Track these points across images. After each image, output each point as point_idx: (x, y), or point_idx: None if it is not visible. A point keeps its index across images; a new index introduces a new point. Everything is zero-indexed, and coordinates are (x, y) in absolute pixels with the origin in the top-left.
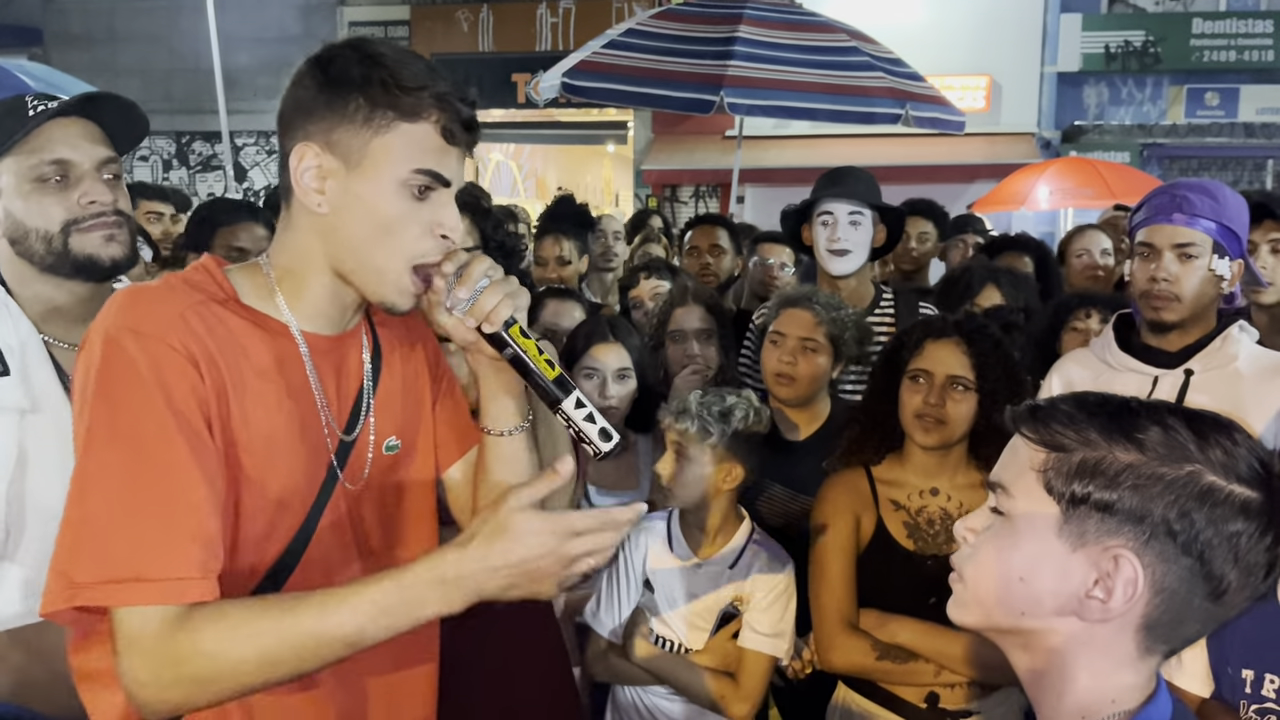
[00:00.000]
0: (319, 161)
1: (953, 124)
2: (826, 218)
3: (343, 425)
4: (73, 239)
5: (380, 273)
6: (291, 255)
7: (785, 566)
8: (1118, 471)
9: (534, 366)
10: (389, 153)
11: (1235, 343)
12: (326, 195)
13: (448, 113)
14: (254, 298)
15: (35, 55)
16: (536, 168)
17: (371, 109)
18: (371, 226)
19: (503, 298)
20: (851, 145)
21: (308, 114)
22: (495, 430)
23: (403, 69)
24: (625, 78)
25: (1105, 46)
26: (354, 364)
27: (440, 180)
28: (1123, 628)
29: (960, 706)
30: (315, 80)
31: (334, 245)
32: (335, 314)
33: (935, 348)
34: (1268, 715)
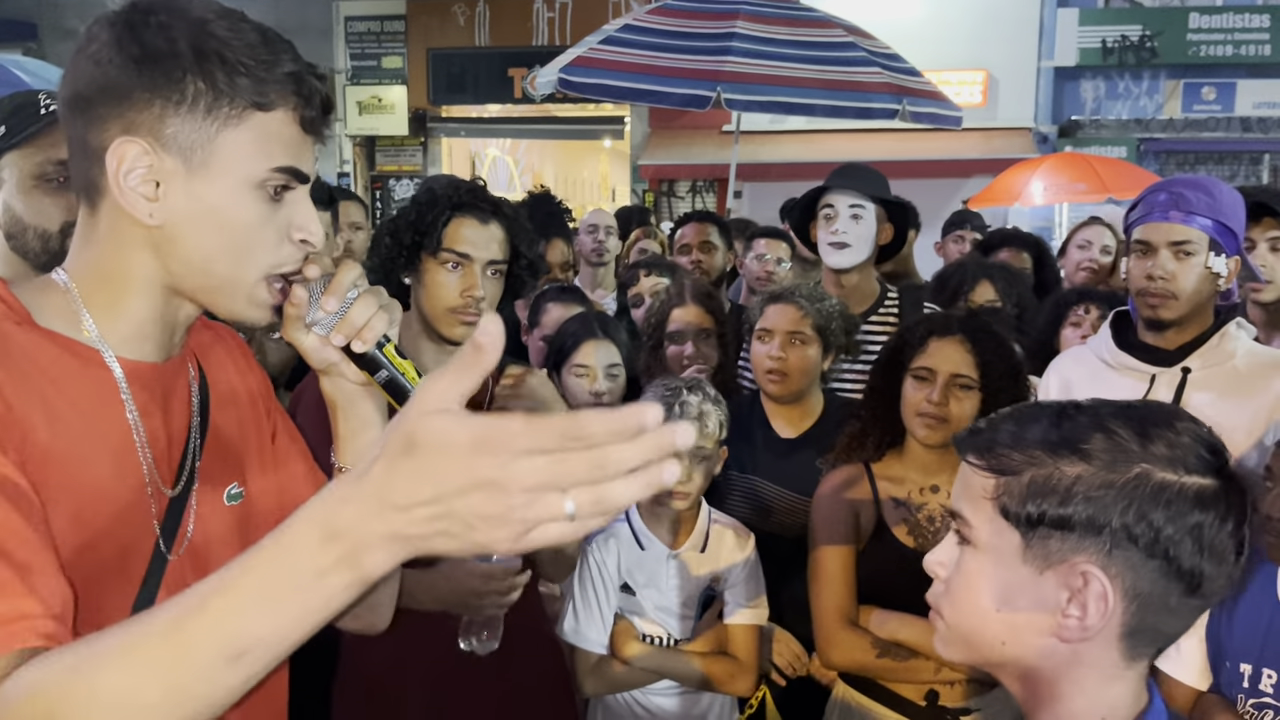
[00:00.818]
0: (149, 161)
1: (950, 119)
2: (828, 210)
3: (171, 477)
4: (70, 241)
5: (232, 286)
6: (104, 270)
7: (750, 538)
8: (1068, 486)
9: (413, 391)
10: (241, 149)
11: (1233, 340)
12: (160, 203)
13: (304, 96)
14: (51, 320)
15: (30, 50)
16: (533, 163)
17: (214, 95)
18: (221, 237)
19: (376, 310)
20: (848, 140)
21: (122, 98)
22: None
23: (240, 39)
24: (622, 73)
25: (1102, 41)
26: (180, 397)
27: (300, 177)
28: (1105, 641)
29: (960, 704)
30: (125, 53)
31: (171, 260)
32: (160, 337)
33: (939, 346)
34: (1265, 710)
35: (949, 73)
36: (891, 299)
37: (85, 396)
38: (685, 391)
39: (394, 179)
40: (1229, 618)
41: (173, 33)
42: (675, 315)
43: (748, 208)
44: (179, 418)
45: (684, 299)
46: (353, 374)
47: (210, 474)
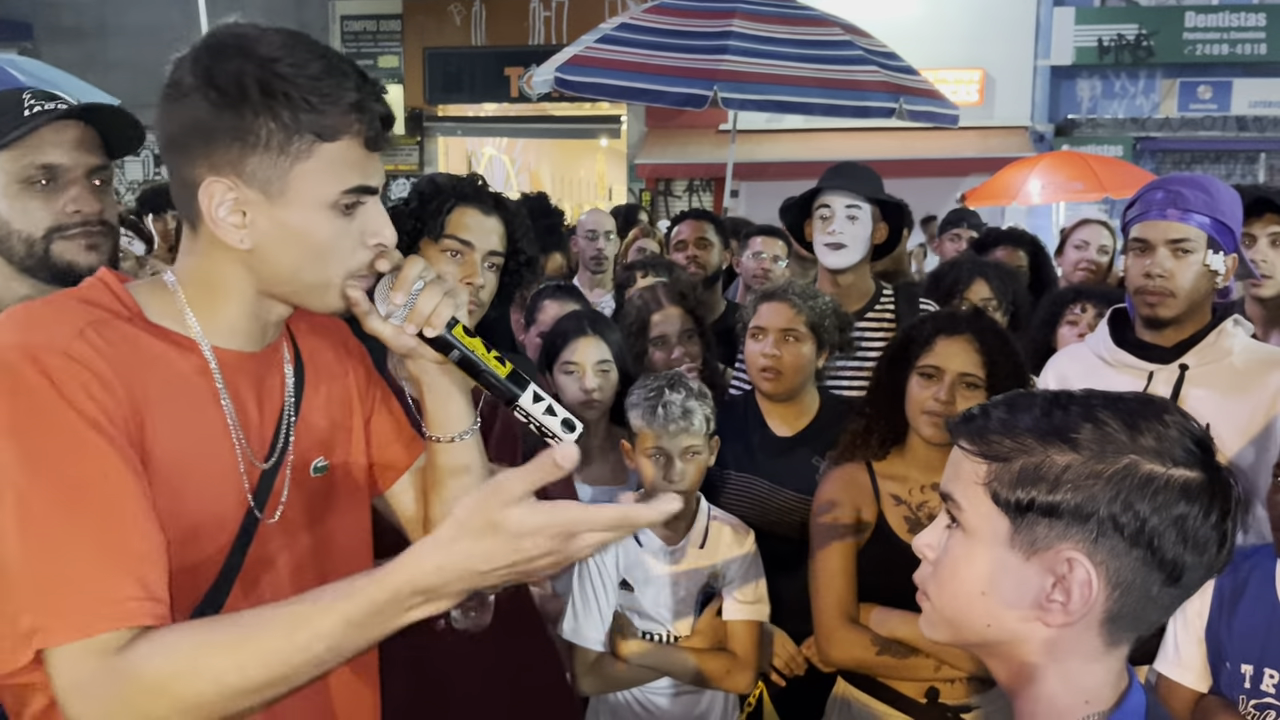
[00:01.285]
0: (235, 195)
1: (946, 118)
2: (824, 210)
3: (264, 452)
4: (55, 245)
5: (321, 289)
6: (205, 279)
7: (749, 534)
8: (1057, 474)
9: (484, 365)
10: (313, 178)
11: (1230, 337)
12: (248, 229)
13: (367, 119)
14: (160, 315)
15: (25, 50)
16: (530, 162)
17: (286, 134)
18: (303, 253)
19: (441, 298)
20: (845, 139)
21: (207, 139)
22: (445, 436)
23: (304, 76)
24: (619, 72)
25: (1098, 40)
26: (275, 381)
27: (368, 192)
28: (1086, 626)
29: (960, 701)
30: (205, 98)
31: (262, 272)
32: (255, 330)
33: (947, 344)
34: (1268, 710)
35: (946, 71)
36: (887, 297)
37: (184, 382)
38: (668, 390)
39: (390, 178)
40: (1229, 618)
41: (244, 77)
42: (655, 321)
43: (744, 207)
44: (273, 399)
45: (661, 302)
46: (431, 355)
47: (300, 449)
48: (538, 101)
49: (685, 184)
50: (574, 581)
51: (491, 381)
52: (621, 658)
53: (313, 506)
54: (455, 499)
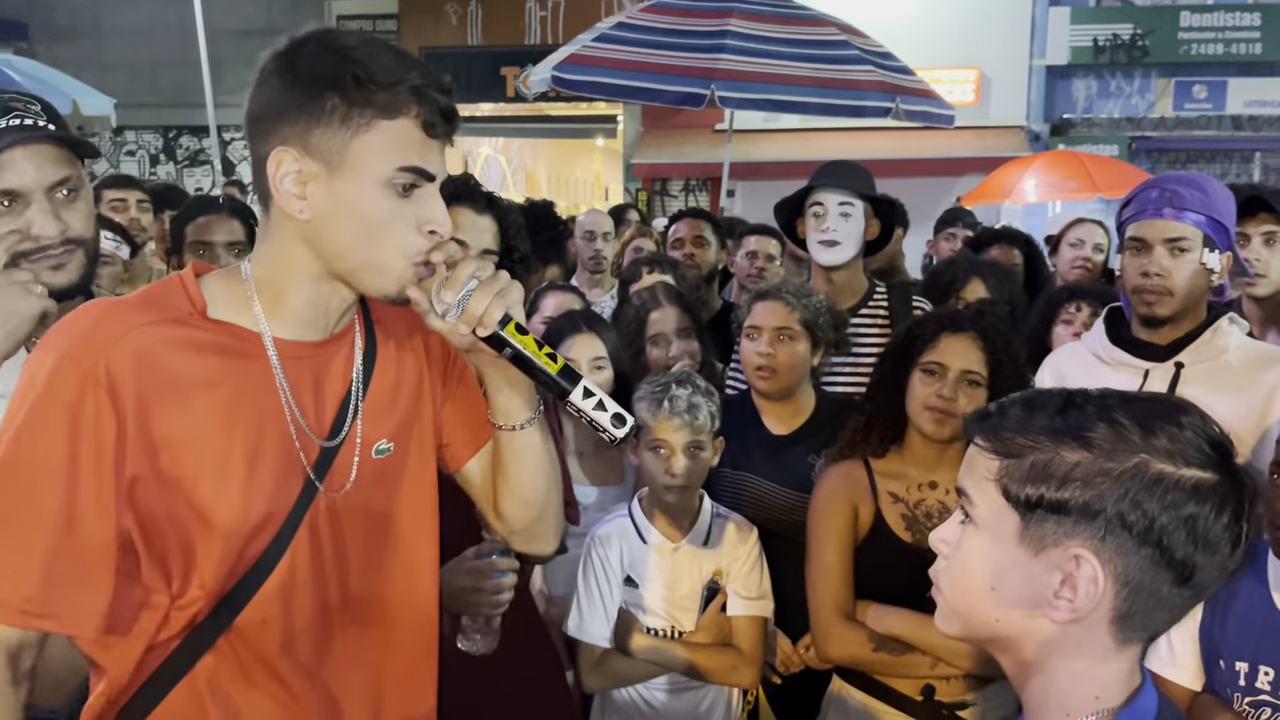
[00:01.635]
0: (298, 166)
1: (942, 118)
2: (817, 208)
3: (324, 432)
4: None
5: (375, 269)
6: (272, 263)
7: (753, 532)
8: (1066, 471)
9: (536, 362)
10: (370, 152)
11: (1225, 335)
12: (309, 200)
13: (427, 105)
14: (227, 308)
15: (21, 50)
16: (526, 162)
17: (348, 108)
18: (358, 228)
19: (493, 298)
20: (841, 139)
21: (280, 115)
22: (506, 425)
23: (375, 62)
24: (615, 71)
25: (1094, 40)
26: (339, 368)
27: (425, 176)
28: (1095, 624)
29: (956, 699)
30: (283, 79)
31: (323, 249)
32: (318, 319)
33: (951, 341)
34: (1263, 707)
35: (942, 71)
36: (880, 294)
37: (238, 372)
38: (674, 386)
39: None
40: (1222, 616)
41: (320, 60)
42: (653, 319)
43: (741, 206)
44: (335, 384)
45: (659, 300)
46: (489, 350)
47: (364, 430)
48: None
49: (682, 184)
50: (579, 579)
51: (544, 378)
52: (626, 654)
53: (374, 485)
54: (519, 484)
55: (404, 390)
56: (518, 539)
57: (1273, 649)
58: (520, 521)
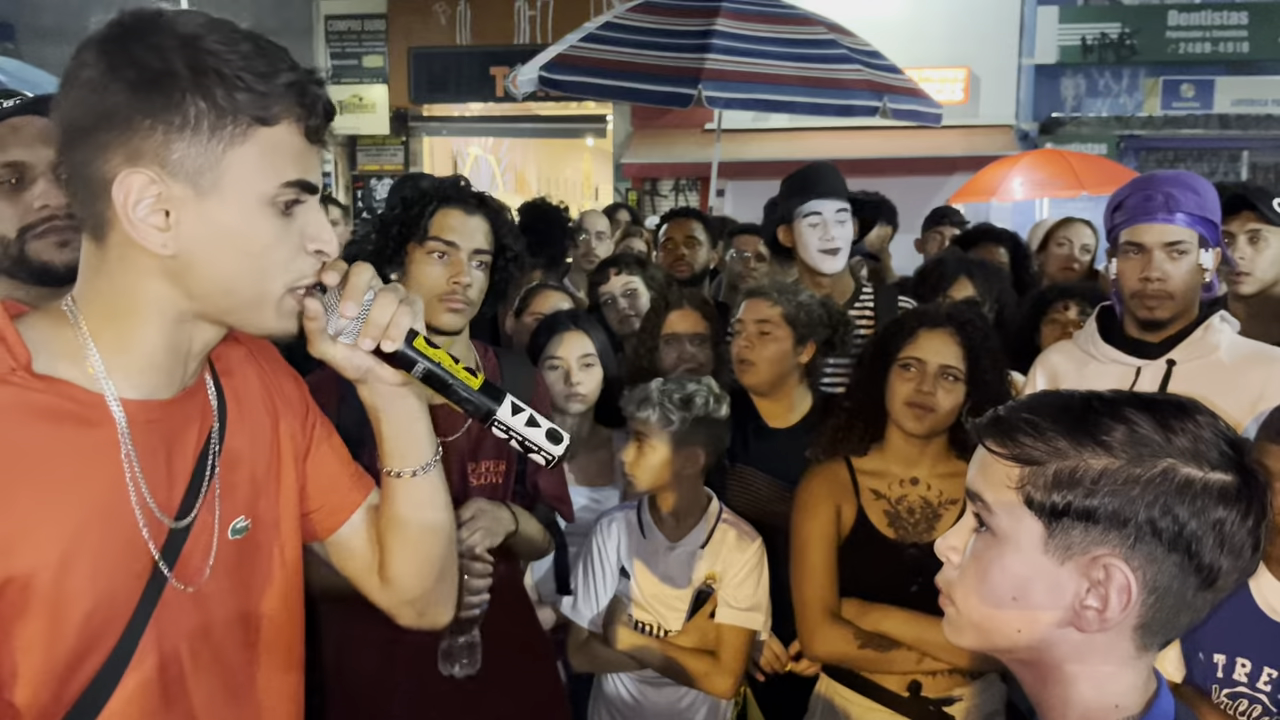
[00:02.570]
0: (157, 190)
1: (930, 116)
2: (815, 218)
3: (174, 512)
4: (29, 245)
5: (257, 304)
6: (113, 304)
7: (754, 541)
8: (1094, 479)
9: (453, 379)
10: (249, 167)
11: (1217, 332)
12: (172, 231)
13: (308, 104)
14: (56, 358)
15: (8, 50)
16: (515, 162)
17: (218, 115)
18: (239, 258)
19: (397, 306)
20: (830, 138)
21: (124, 125)
22: (407, 470)
23: (235, 52)
24: (603, 71)
25: (1082, 38)
26: (193, 430)
27: (309, 189)
28: (1119, 632)
29: (942, 694)
30: (119, 78)
31: (190, 286)
32: (174, 368)
33: (929, 337)
34: (1240, 699)
35: (930, 70)
36: (867, 294)
37: (78, 445)
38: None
39: (375, 178)
40: None
41: (166, 52)
42: (671, 319)
43: (730, 206)
44: (185, 453)
45: (680, 303)
46: (389, 375)
47: (217, 505)
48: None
49: (671, 183)
50: (579, 561)
51: (463, 395)
52: (608, 642)
53: (232, 572)
54: (419, 541)
55: (259, 453)
56: (409, 611)
57: (1250, 642)
58: (419, 587)
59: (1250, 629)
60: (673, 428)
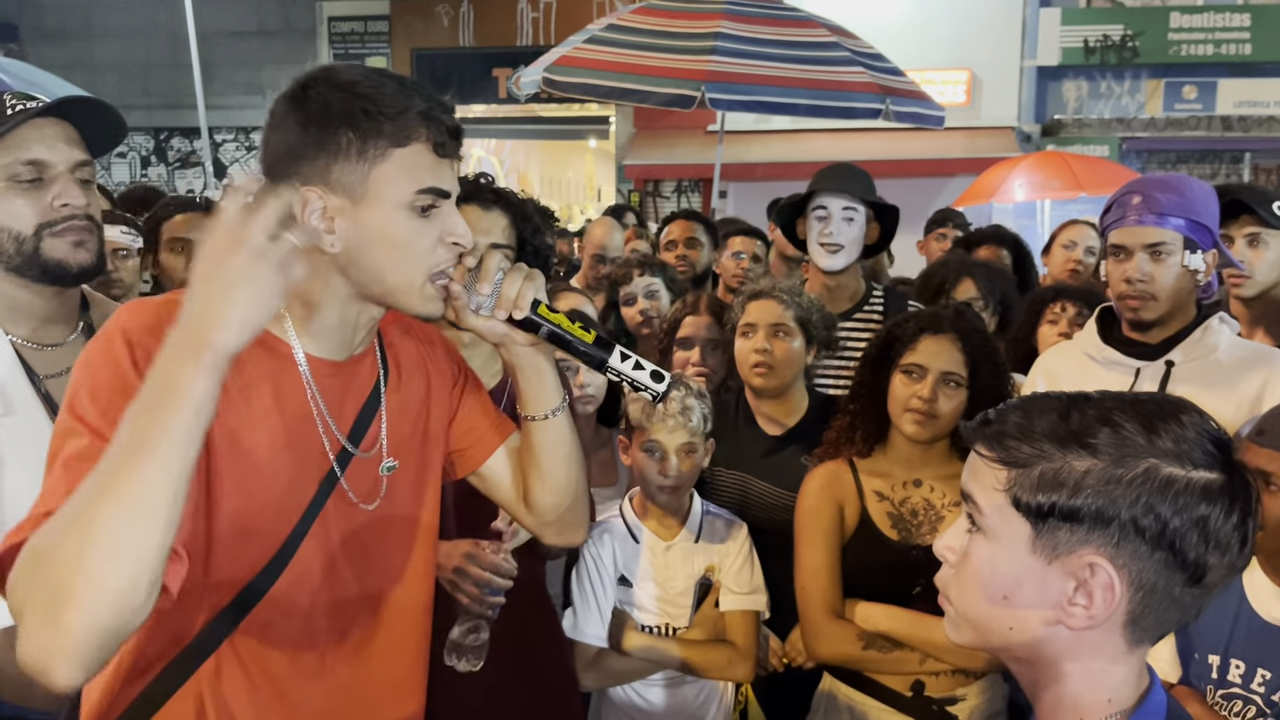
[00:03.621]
0: (323, 203)
1: (932, 119)
2: (821, 212)
3: (345, 440)
4: (45, 242)
5: (405, 289)
6: (302, 290)
7: (742, 527)
8: (1077, 479)
9: (572, 337)
10: (389, 180)
11: (1215, 334)
12: (337, 234)
13: (434, 128)
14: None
15: (11, 51)
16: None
17: (363, 141)
18: (387, 252)
19: (523, 282)
20: (832, 140)
21: (298, 156)
22: (539, 414)
23: (380, 93)
24: (606, 73)
25: (1084, 40)
26: (359, 387)
27: (441, 194)
28: (1109, 628)
29: (945, 694)
30: (296, 120)
31: (355, 276)
32: (346, 337)
33: (930, 343)
34: (1234, 700)
35: (932, 72)
36: (877, 297)
37: (278, 378)
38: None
39: None
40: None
41: (328, 99)
42: (687, 322)
43: (733, 207)
44: (357, 401)
45: (698, 308)
46: (521, 338)
47: (372, 447)
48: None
49: (674, 185)
50: (573, 579)
51: (582, 349)
52: (623, 652)
53: (381, 499)
54: (553, 473)
55: (409, 411)
56: (551, 530)
57: (1244, 643)
58: (555, 511)
59: (1244, 631)
60: (708, 428)
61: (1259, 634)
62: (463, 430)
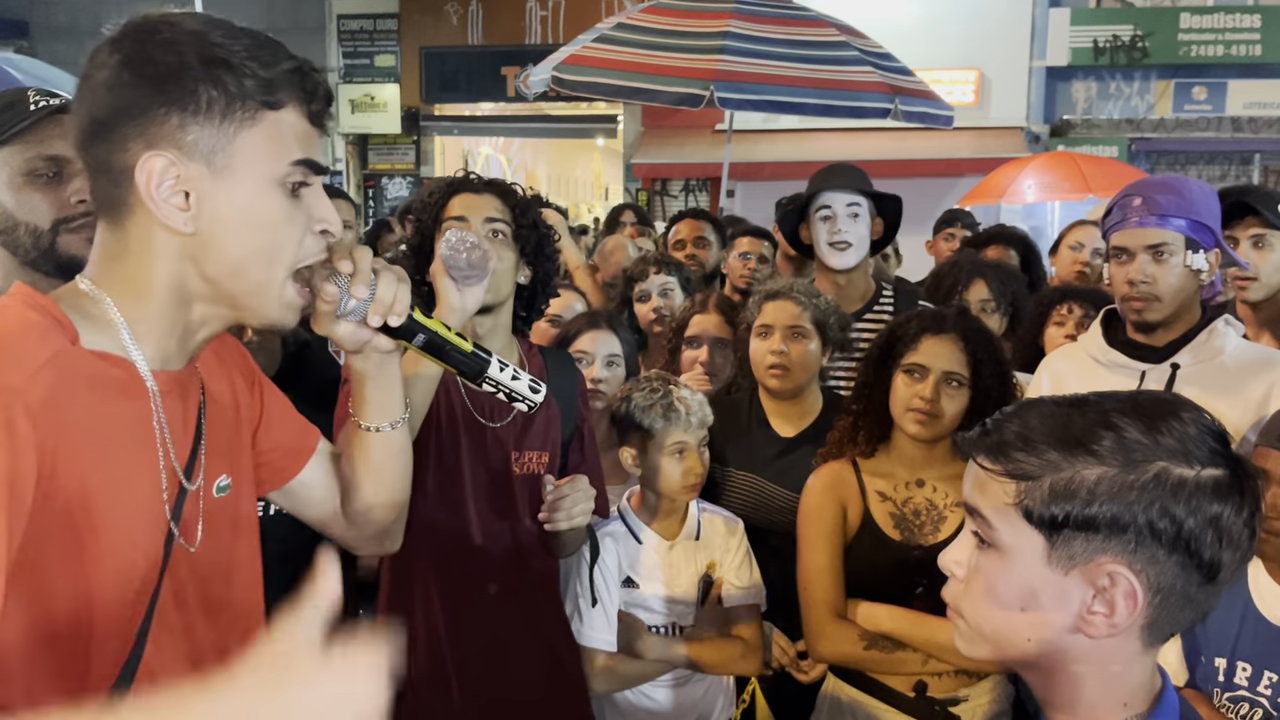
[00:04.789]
0: (177, 172)
1: (941, 119)
2: (825, 211)
3: (183, 473)
4: (61, 238)
5: (264, 289)
6: (138, 284)
7: (737, 523)
8: (1090, 488)
9: (449, 344)
10: (257, 149)
11: (1221, 336)
12: (193, 210)
13: (309, 91)
14: (96, 335)
15: (22, 48)
16: (526, 161)
17: (227, 100)
18: (252, 237)
19: (399, 284)
20: (841, 139)
21: (142, 114)
22: (384, 425)
23: (240, 45)
24: (615, 71)
25: (1094, 41)
26: (193, 400)
27: (317, 169)
28: (1127, 633)
29: (948, 694)
30: (138, 73)
31: (206, 266)
32: (185, 344)
33: (932, 343)
34: (1241, 703)
35: (941, 72)
36: (887, 297)
37: (123, 413)
38: (673, 389)
39: (387, 177)
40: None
41: (179, 47)
42: (696, 320)
43: (740, 206)
44: (190, 417)
45: (706, 307)
46: (385, 345)
47: (207, 468)
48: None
49: (681, 183)
50: (575, 586)
51: (458, 358)
52: (637, 656)
53: (219, 528)
54: (392, 484)
55: (225, 418)
56: (371, 543)
57: (1250, 646)
58: (384, 522)
59: (1251, 634)
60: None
61: (1265, 636)
62: (270, 441)
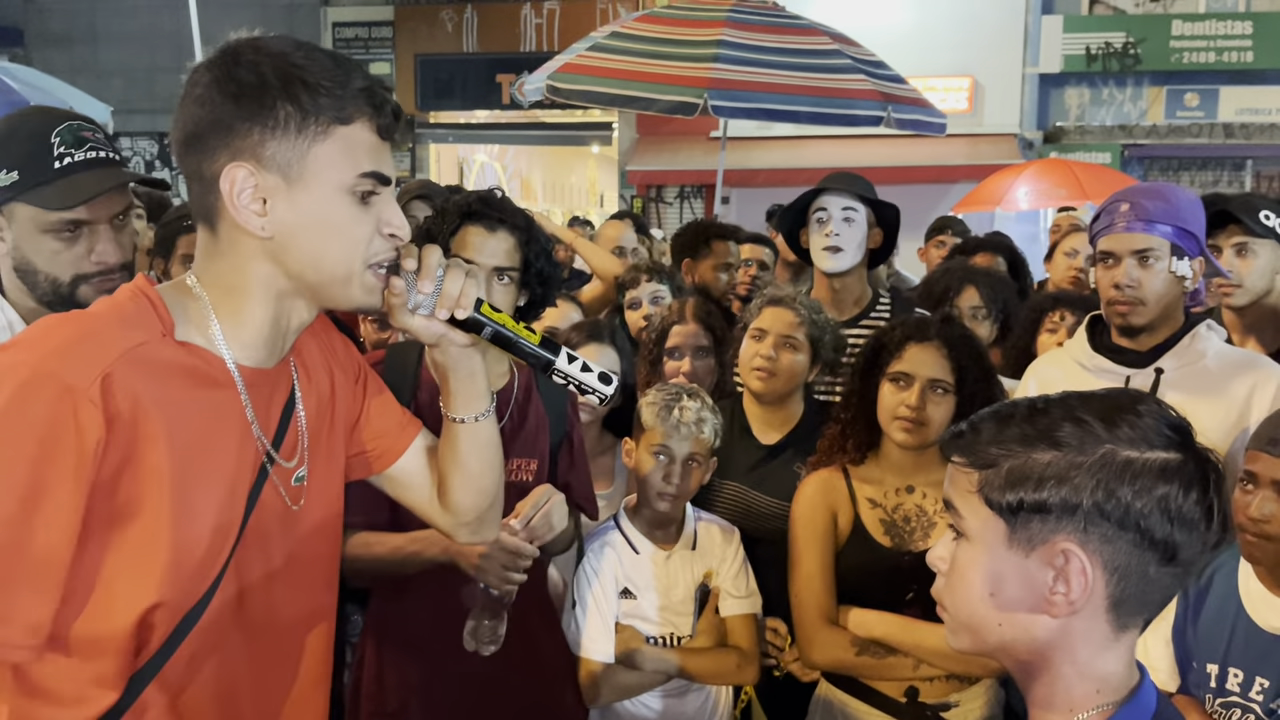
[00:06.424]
0: (255, 181)
1: (934, 126)
2: (821, 214)
3: (265, 460)
4: (80, 290)
5: (344, 278)
6: (230, 282)
7: (734, 532)
8: (1040, 471)
9: (517, 337)
10: (329, 161)
11: (1204, 340)
12: (269, 216)
13: (378, 107)
14: (190, 328)
15: (16, 56)
16: (521, 169)
17: (303, 116)
18: (324, 237)
19: (465, 279)
20: (835, 146)
21: (227, 130)
22: (470, 417)
23: (315, 66)
24: (610, 80)
25: (1086, 48)
26: (281, 395)
27: (383, 180)
28: (1093, 613)
29: (939, 700)
30: (224, 92)
31: (288, 265)
32: (276, 341)
33: (917, 351)
34: (1233, 709)
35: (935, 79)
36: (883, 304)
37: (213, 402)
38: (685, 397)
39: None
40: (1194, 619)
41: (261, 68)
42: (675, 331)
43: (735, 213)
44: (277, 411)
45: (684, 317)
46: (460, 338)
47: (286, 458)
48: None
49: (676, 191)
50: (574, 597)
51: (527, 350)
52: (636, 666)
53: (292, 513)
54: (479, 475)
55: (313, 416)
56: (466, 530)
57: (1242, 651)
58: (474, 512)
59: (1243, 640)
60: (716, 442)
61: (1257, 642)
62: (371, 430)
